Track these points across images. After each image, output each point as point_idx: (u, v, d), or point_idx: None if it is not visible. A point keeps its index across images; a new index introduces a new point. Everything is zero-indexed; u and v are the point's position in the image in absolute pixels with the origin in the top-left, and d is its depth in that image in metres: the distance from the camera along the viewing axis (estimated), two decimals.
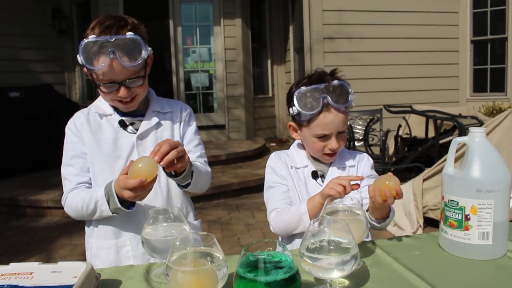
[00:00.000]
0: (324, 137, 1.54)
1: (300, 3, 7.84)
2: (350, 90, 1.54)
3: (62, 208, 5.30)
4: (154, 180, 1.35)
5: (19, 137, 6.85)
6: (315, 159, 1.66)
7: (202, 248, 1.00)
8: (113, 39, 1.44)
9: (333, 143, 1.54)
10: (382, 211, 1.45)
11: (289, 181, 1.64)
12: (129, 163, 1.35)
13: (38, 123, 7.09)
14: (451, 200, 1.32)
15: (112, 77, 1.48)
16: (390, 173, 1.37)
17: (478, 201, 1.27)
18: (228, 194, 5.82)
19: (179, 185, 1.61)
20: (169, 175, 1.52)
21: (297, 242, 1.58)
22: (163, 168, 1.42)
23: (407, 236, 1.50)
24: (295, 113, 1.54)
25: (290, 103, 1.57)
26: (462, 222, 1.30)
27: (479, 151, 1.31)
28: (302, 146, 1.70)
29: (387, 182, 1.32)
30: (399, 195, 1.32)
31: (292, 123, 1.64)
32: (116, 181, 1.41)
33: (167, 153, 1.34)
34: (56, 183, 5.99)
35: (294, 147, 1.72)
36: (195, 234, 1.03)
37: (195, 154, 1.70)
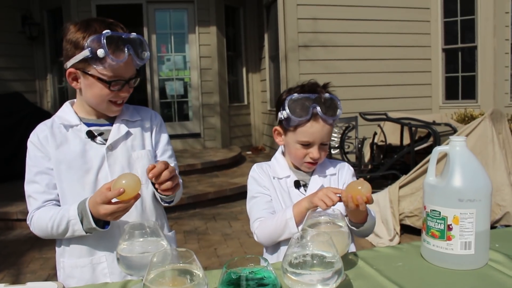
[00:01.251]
0: (307, 145, 1.57)
1: (275, 11, 7.87)
2: (339, 104, 1.58)
3: None
4: (136, 198, 1.31)
5: None
6: (297, 168, 1.67)
7: (181, 265, 0.96)
8: (127, 36, 1.43)
9: (314, 152, 1.57)
10: (358, 216, 1.45)
11: (271, 191, 1.64)
12: (111, 182, 1.31)
13: (7, 133, 6.89)
14: (433, 210, 1.31)
15: (122, 74, 1.46)
16: (362, 179, 1.38)
17: (460, 210, 1.26)
18: (204, 204, 5.75)
19: (161, 200, 1.57)
20: (156, 190, 1.47)
21: (282, 250, 1.56)
22: (156, 189, 1.40)
23: (388, 247, 1.49)
24: (283, 118, 1.57)
25: (279, 108, 1.60)
26: (444, 232, 1.29)
27: (460, 160, 1.30)
28: (283, 156, 1.71)
29: (359, 188, 1.33)
30: (369, 201, 1.33)
31: (278, 128, 1.66)
32: (92, 198, 1.35)
33: (160, 173, 1.33)
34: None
35: (275, 158, 1.72)
36: (173, 250, 0.98)
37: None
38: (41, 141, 1.51)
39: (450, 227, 1.28)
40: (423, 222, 1.37)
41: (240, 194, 5.79)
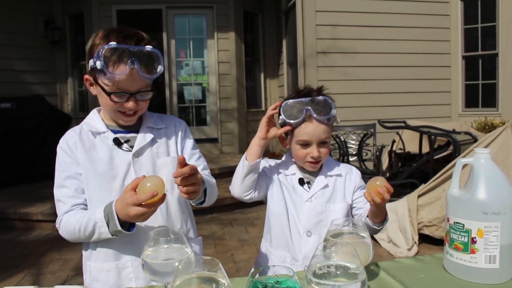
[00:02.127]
0: (306, 145, 1.66)
1: (293, 17, 7.88)
2: (332, 104, 1.67)
3: (52, 221, 5.20)
4: (162, 199, 1.32)
5: (9, 148, 6.77)
6: (303, 169, 1.75)
7: (207, 273, 0.97)
8: (135, 49, 1.43)
9: (314, 151, 1.65)
10: (380, 215, 1.54)
11: (276, 183, 1.73)
12: (133, 182, 1.33)
13: (28, 135, 7.02)
14: (457, 223, 1.30)
15: (126, 87, 1.46)
16: (375, 176, 1.48)
17: (485, 223, 1.25)
18: (221, 209, 5.77)
19: (192, 202, 1.59)
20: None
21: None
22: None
23: (410, 258, 1.48)
24: (281, 122, 1.68)
25: (279, 114, 1.69)
26: (468, 245, 1.28)
27: (484, 172, 1.30)
28: (291, 157, 1.79)
29: (377, 183, 1.42)
30: (389, 190, 1.41)
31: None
32: (119, 200, 1.37)
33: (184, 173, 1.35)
34: (46, 196, 5.92)
35: (285, 156, 1.82)
36: (199, 258, 0.99)
37: (199, 167, 1.67)
38: (70, 147, 1.54)
39: (474, 240, 1.27)
40: (446, 234, 1.36)
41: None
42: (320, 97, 1.66)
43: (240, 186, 1.65)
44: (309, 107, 1.62)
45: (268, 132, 1.63)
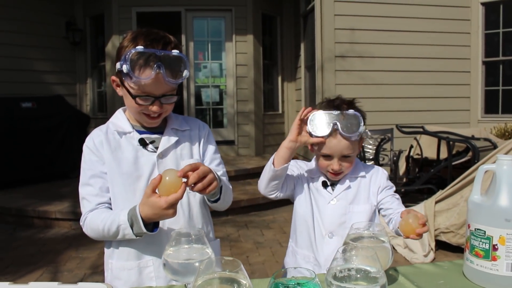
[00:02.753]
0: (327, 157, 1.67)
1: (312, 21, 7.88)
2: (361, 120, 1.64)
3: (70, 219, 5.27)
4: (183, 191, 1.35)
5: (29, 147, 6.88)
6: None
7: (228, 273, 0.98)
8: (161, 53, 1.45)
9: (334, 165, 1.67)
10: None
11: (302, 184, 1.77)
12: (151, 184, 1.35)
13: (48, 134, 7.13)
14: (478, 229, 1.29)
15: (151, 90, 1.47)
16: (405, 214, 1.45)
17: (507, 231, 1.24)
18: (236, 211, 5.78)
19: (208, 200, 1.60)
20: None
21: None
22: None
23: (429, 264, 1.47)
24: (308, 132, 1.66)
25: (306, 123, 1.68)
26: (489, 252, 1.27)
27: (507, 179, 1.28)
28: (315, 158, 1.82)
29: (410, 221, 1.38)
30: (423, 221, 1.37)
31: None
32: (145, 204, 1.38)
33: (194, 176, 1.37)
34: (65, 194, 6.01)
35: (313, 160, 1.83)
36: (221, 259, 1.01)
37: (218, 172, 1.68)
38: (96, 146, 1.57)
39: (496, 247, 1.26)
40: (466, 240, 1.36)
41: (273, 202, 5.80)
42: (350, 111, 1.63)
43: (266, 187, 1.71)
44: (337, 122, 1.61)
45: (299, 135, 1.63)
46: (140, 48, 1.43)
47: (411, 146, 6.20)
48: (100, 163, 1.56)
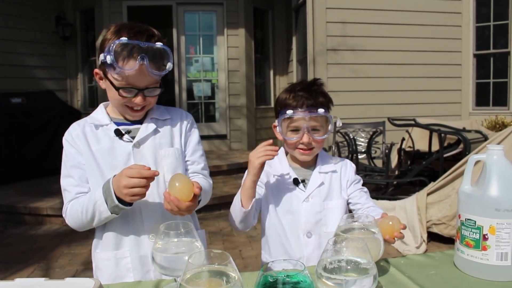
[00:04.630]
0: (296, 131, 1.62)
1: (303, 14, 7.86)
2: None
3: (61, 216, 5.26)
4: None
5: (20, 143, 6.83)
6: (296, 168, 1.72)
7: (217, 266, 0.97)
8: (145, 45, 1.45)
9: (304, 138, 1.60)
10: None
11: (268, 193, 1.71)
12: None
13: (39, 130, 7.07)
14: (468, 219, 1.29)
15: (134, 82, 1.47)
16: (386, 216, 1.44)
17: (497, 220, 1.24)
18: (229, 205, 5.64)
19: None
20: None
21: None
22: None
23: (420, 255, 1.47)
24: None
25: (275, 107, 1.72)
26: (479, 242, 1.27)
27: (497, 169, 1.28)
28: (285, 155, 1.76)
29: (390, 223, 1.37)
30: (403, 228, 1.38)
31: (275, 123, 1.71)
32: (116, 175, 1.40)
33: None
34: (56, 191, 5.95)
35: (277, 157, 1.72)
36: (210, 252, 0.99)
37: (200, 165, 1.68)
38: (74, 139, 1.57)
39: (486, 237, 1.26)
40: (457, 230, 1.35)
41: None
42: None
43: (240, 226, 1.67)
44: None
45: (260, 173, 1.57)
46: (124, 39, 1.43)
47: (403, 139, 6.22)
48: (79, 155, 1.57)
